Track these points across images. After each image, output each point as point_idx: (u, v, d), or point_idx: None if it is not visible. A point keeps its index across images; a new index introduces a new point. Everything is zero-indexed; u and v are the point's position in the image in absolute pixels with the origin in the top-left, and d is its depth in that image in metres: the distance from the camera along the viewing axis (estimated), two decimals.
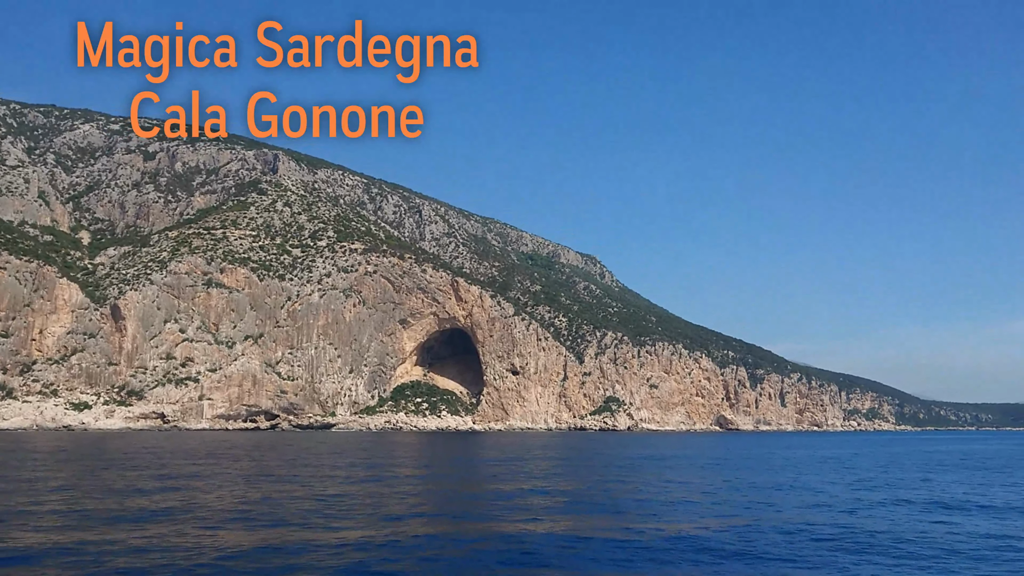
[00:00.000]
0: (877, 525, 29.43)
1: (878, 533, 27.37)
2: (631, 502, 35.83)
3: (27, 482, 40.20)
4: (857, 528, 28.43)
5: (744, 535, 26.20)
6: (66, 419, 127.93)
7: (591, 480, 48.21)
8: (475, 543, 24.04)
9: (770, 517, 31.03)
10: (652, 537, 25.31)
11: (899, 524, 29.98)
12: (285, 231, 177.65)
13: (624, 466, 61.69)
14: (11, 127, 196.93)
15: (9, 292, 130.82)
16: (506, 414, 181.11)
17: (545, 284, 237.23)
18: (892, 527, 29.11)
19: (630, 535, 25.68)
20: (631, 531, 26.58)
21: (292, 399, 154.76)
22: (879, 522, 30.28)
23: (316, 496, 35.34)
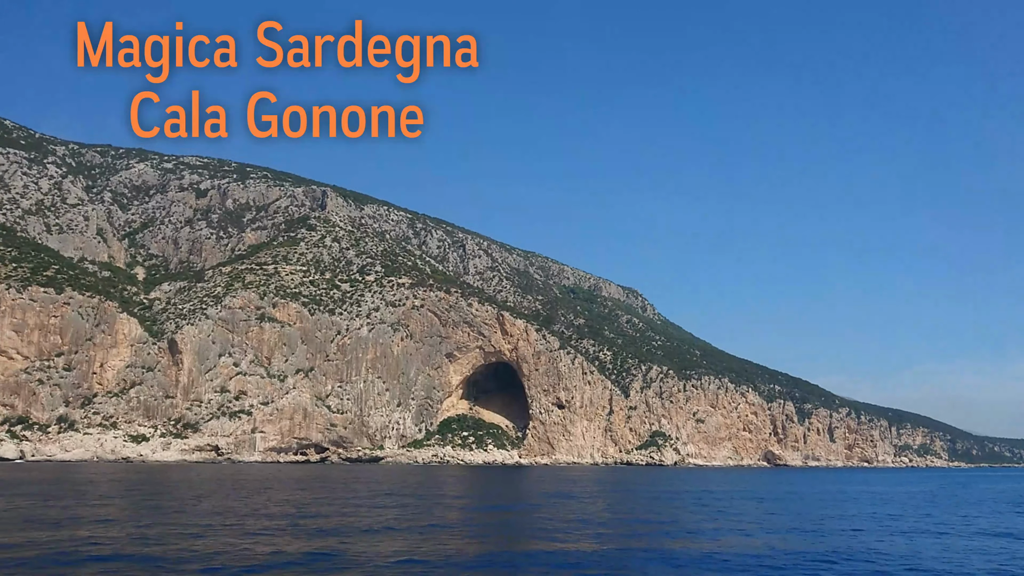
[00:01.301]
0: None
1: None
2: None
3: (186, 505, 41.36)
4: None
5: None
6: (125, 451, 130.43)
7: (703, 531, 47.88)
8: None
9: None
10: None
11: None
12: (334, 266, 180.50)
13: (712, 504, 61.29)
14: (71, 167, 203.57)
15: (72, 327, 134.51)
16: (552, 448, 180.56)
17: (588, 317, 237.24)
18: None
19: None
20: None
21: (341, 432, 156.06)
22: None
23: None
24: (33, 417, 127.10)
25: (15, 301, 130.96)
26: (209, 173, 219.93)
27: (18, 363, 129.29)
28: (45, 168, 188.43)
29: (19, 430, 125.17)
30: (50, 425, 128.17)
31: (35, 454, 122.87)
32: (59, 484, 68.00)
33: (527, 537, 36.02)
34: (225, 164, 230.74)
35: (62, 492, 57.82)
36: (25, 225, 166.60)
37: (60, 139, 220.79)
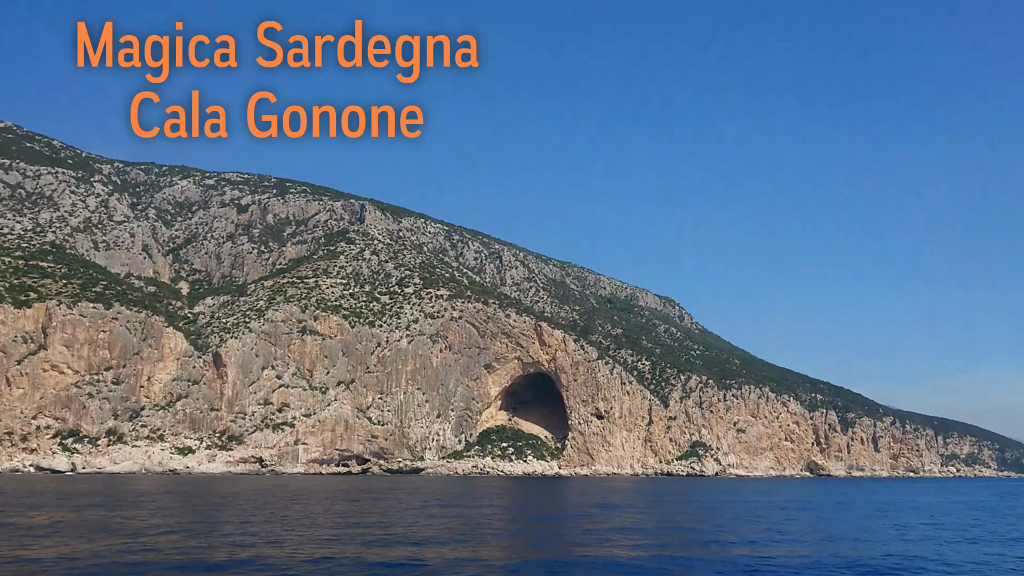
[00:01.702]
0: None
1: None
2: None
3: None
4: None
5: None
6: (172, 463, 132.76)
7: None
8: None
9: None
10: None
11: None
12: (373, 279, 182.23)
13: (770, 515, 60.85)
14: (116, 184, 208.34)
15: (120, 341, 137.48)
16: (591, 459, 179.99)
17: (626, 327, 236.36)
18: None
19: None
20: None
21: (382, 444, 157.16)
22: None
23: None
24: (84, 430, 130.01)
25: (66, 317, 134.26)
26: (249, 188, 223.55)
27: (69, 377, 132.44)
28: (92, 186, 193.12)
29: (70, 443, 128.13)
30: (100, 438, 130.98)
31: (86, 466, 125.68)
32: (118, 496, 69.52)
33: (589, 544, 36.23)
34: (265, 179, 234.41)
35: (125, 503, 59.16)
36: (74, 242, 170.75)
37: (106, 158, 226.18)
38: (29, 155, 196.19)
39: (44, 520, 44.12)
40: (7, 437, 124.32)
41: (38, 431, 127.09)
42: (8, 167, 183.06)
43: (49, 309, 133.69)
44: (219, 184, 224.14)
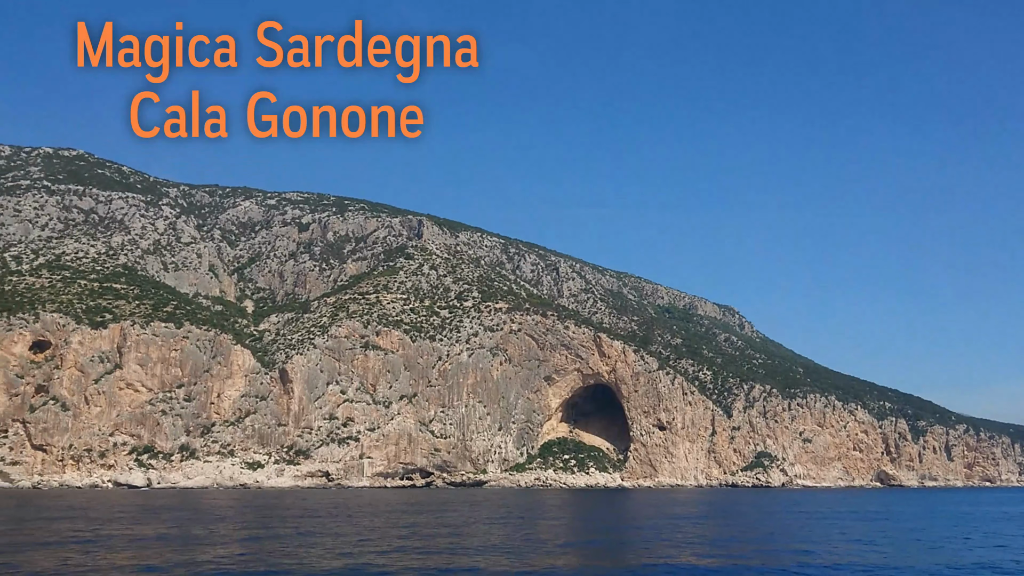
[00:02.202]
0: None
1: None
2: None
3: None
4: None
5: None
6: (242, 478, 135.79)
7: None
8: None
9: None
10: None
11: None
12: (432, 293, 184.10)
13: (855, 527, 59.70)
14: (183, 207, 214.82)
15: (191, 359, 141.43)
16: (654, 470, 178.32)
17: (685, 337, 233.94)
18: None
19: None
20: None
21: (445, 457, 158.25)
22: None
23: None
24: (158, 446, 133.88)
25: (139, 337, 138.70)
26: (310, 207, 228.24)
27: (143, 395, 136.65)
28: (160, 210, 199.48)
29: (146, 459, 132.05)
30: (173, 454, 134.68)
31: (160, 481, 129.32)
32: (206, 510, 71.47)
33: (682, 552, 36.04)
34: (324, 198, 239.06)
35: (214, 516, 60.80)
36: (144, 264, 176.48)
37: (172, 181, 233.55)
38: (101, 181, 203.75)
39: (151, 532, 45.70)
40: (86, 454, 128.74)
41: (115, 448, 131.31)
42: (82, 193, 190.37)
43: (124, 329, 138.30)
44: (280, 204, 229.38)
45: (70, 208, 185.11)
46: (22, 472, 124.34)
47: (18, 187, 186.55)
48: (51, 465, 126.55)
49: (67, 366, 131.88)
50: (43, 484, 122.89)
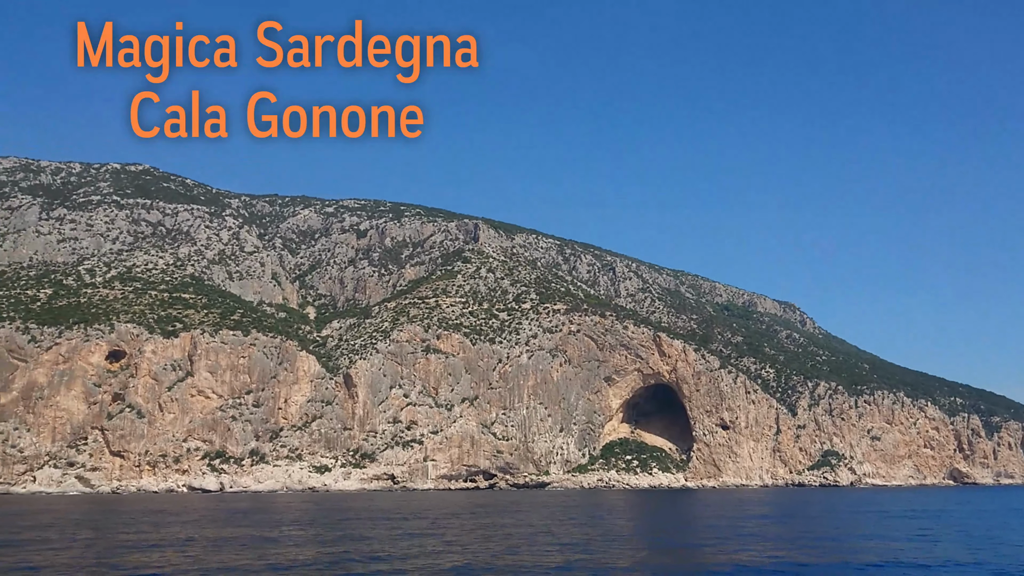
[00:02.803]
0: None
1: None
2: None
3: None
4: None
5: None
6: (310, 481, 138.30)
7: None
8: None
9: None
10: None
11: None
12: (490, 296, 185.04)
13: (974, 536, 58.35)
14: (245, 217, 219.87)
15: (259, 366, 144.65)
16: (718, 470, 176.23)
17: (746, 334, 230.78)
18: None
19: None
20: None
21: (507, 459, 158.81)
22: None
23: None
24: (229, 451, 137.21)
25: (209, 345, 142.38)
26: (367, 214, 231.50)
27: (214, 401, 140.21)
28: (224, 220, 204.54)
29: (217, 463, 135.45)
30: (244, 458, 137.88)
31: (232, 485, 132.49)
32: (287, 511, 73.11)
33: (790, 551, 35.77)
34: (380, 204, 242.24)
35: (296, 520, 62.20)
36: (210, 274, 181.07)
37: (233, 192, 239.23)
38: (167, 194, 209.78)
39: (256, 533, 47.04)
40: (162, 459, 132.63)
41: (188, 453, 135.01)
42: (149, 207, 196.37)
43: (194, 338, 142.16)
44: (338, 211, 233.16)
45: (138, 221, 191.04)
46: (101, 477, 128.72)
47: (89, 202, 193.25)
48: (129, 471, 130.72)
49: (141, 374, 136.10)
50: (121, 489, 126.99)
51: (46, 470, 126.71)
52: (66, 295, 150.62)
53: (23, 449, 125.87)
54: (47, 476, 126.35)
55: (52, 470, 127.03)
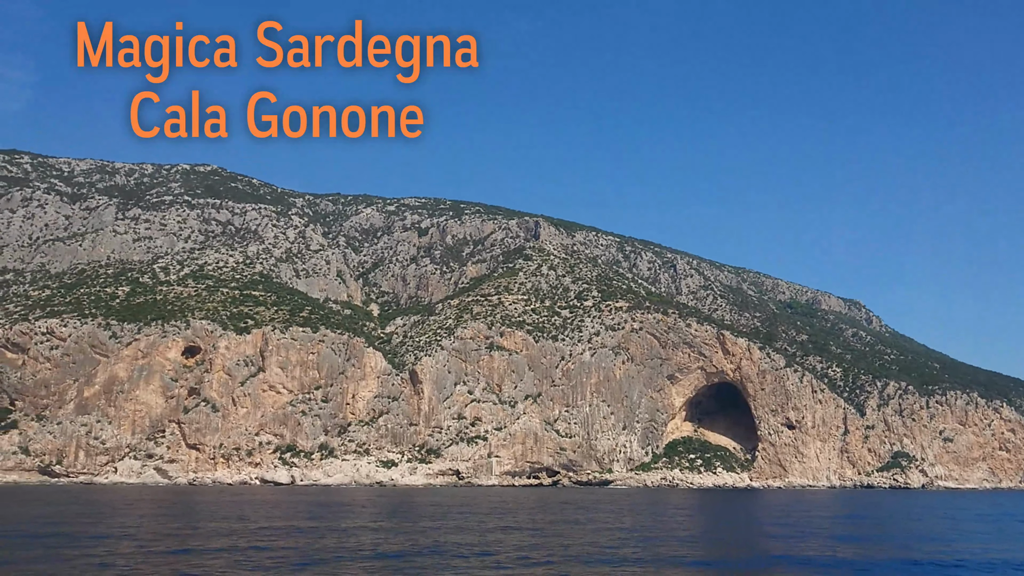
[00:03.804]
0: None
1: None
2: None
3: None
4: None
5: None
6: (378, 476, 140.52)
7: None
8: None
9: None
10: None
11: None
12: (552, 293, 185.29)
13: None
14: (309, 216, 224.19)
15: (327, 362, 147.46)
16: (784, 470, 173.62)
17: (810, 333, 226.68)
18: None
19: None
20: None
21: (571, 456, 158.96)
22: None
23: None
24: (299, 445, 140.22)
25: (280, 341, 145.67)
26: (428, 212, 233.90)
27: (285, 397, 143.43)
28: (290, 219, 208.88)
29: (288, 457, 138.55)
30: (313, 452, 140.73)
31: (303, 479, 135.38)
32: (376, 505, 74.65)
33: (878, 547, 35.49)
34: (441, 203, 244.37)
35: (393, 513, 63.52)
36: (278, 271, 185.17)
37: (297, 191, 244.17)
38: (235, 194, 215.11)
39: (361, 523, 48.37)
40: (235, 452, 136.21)
41: (260, 447, 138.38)
42: (219, 207, 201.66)
43: (265, 334, 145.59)
44: (399, 210, 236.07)
45: (209, 221, 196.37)
46: (178, 469, 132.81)
47: (162, 203, 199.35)
48: (204, 463, 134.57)
49: (216, 370, 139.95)
50: (197, 481, 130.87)
51: (127, 461, 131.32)
52: (143, 292, 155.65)
53: (105, 441, 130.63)
54: (127, 467, 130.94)
55: (132, 461, 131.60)
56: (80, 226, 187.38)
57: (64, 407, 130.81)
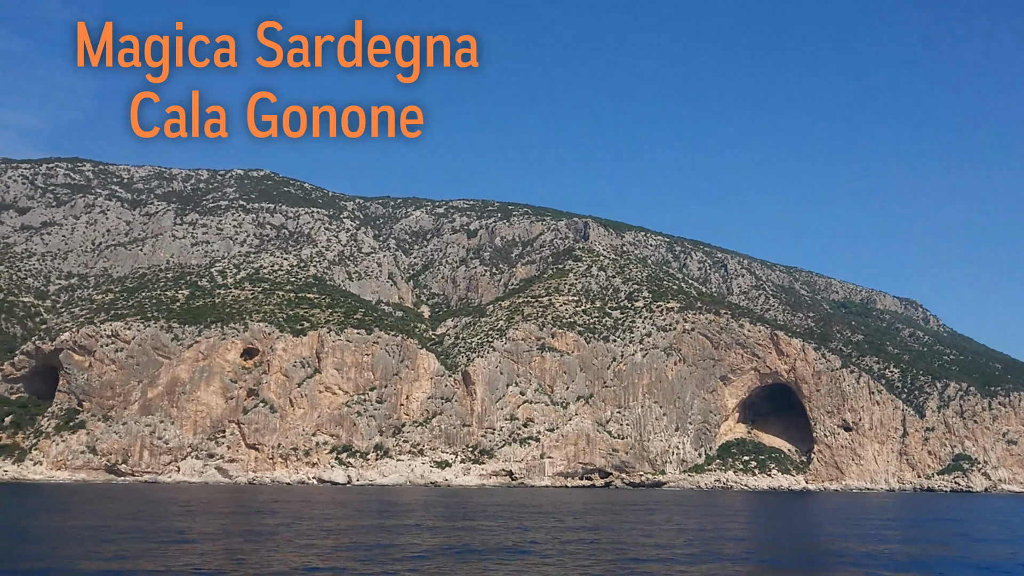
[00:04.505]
0: None
1: None
2: None
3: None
4: None
5: None
6: (432, 476, 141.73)
7: None
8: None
9: None
10: None
11: None
12: (603, 294, 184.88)
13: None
14: (360, 219, 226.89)
15: (381, 363, 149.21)
16: (841, 473, 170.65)
17: (866, 333, 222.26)
18: None
19: None
20: None
21: (623, 457, 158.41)
22: None
23: None
24: (355, 445, 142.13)
25: (335, 343, 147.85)
26: (476, 214, 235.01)
27: (340, 398, 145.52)
28: (342, 223, 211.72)
29: (344, 457, 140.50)
30: (369, 452, 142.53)
31: (359, 479, 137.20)
32: (436, 506, 75.55)
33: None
34: (489, 204, 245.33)
35: (466, 512, 64.29)
36: (331, 274, 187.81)
37: (348, 195, 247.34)
38: (287, 198, 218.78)
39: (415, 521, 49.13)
40: (293, 452, 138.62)
41: (317, 447, 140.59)
42: (273, 211, 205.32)
43: (321, 336, 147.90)
44: (448, 212, 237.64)
45: (263, 225, 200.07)
46: (238, 469, 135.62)
47: (218, 207, 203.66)
48: (263, 463, 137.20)
49: (273, 371, 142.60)
50: (257, 480, 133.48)
51: (189, 461, 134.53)
52: (201, 296, 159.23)
53: (168, 441, 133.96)
54: (190, 466, 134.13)
55: (194, 461, 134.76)
56: (140, 231, 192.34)
57: (129, 408, 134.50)
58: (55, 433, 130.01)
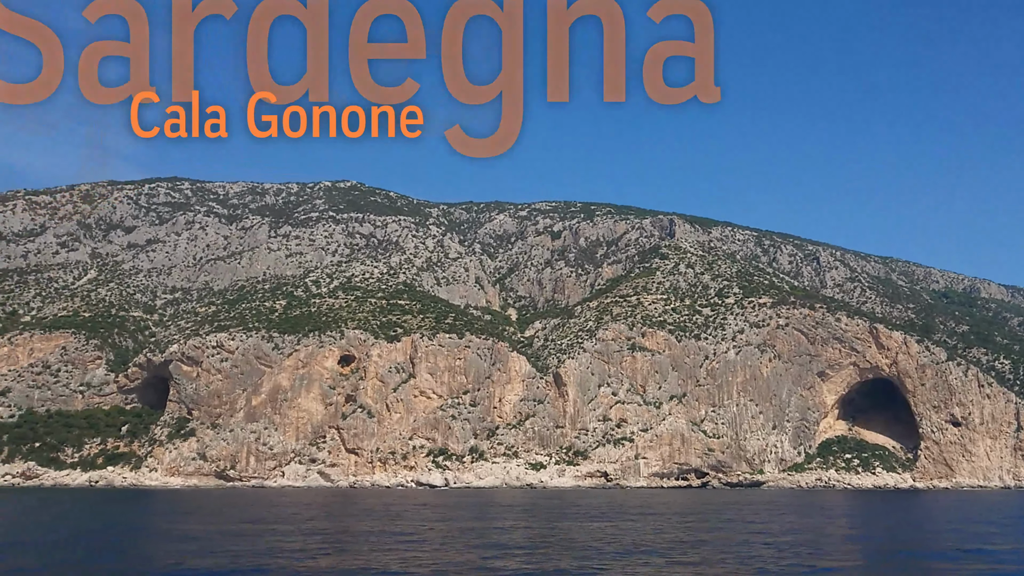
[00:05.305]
0: None
1: None
2: None
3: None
4: None
5: None
6: (527, 478, 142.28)
7: None
8: None
9: None
10: None
11: None
12: (692, 292, 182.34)
13: None
14: (445, 225, 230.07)
15: (474, 367, 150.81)
16: (951, 470, 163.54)
17: (971, 323, 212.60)
18: None
19: None
20: None
21: (719, 457, 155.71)
22: None
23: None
24: (451, 449, 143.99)
25: (428, 348, 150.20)
26: (559, 215, 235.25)
27: (435, 401, 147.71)
28: (428, 229, 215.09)
29: (441, 460, 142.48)
30: (464, 455, 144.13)
31: (456, 481, 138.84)
32: (558, 509, 76.13)
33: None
34: (571, 205, 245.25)
35: (579, 513, 64.70)
36: (420, 280, 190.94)
37: (432, 202, 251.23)
38: (375, 207, 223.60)
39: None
40: (391, 456, 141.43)
41: (414, 451, 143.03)
42: (361, 220, 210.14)
43: (414, 342, 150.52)
44: (531, 215, 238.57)
45: (353, 234, 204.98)
46: (339, 473, 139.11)
47: (309, 219, 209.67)
48: (362, 467, 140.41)
49: (370, 377, 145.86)
50: (357, 484, 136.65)
51: (292, 466, 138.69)
52: (298, 305, 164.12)
53: (272, 447, 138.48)
54: (293, 471, 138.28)
55: (297, 466, 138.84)
56: (237, 245, 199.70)
57: (235, 415, 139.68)
58: (168, 441, 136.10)
